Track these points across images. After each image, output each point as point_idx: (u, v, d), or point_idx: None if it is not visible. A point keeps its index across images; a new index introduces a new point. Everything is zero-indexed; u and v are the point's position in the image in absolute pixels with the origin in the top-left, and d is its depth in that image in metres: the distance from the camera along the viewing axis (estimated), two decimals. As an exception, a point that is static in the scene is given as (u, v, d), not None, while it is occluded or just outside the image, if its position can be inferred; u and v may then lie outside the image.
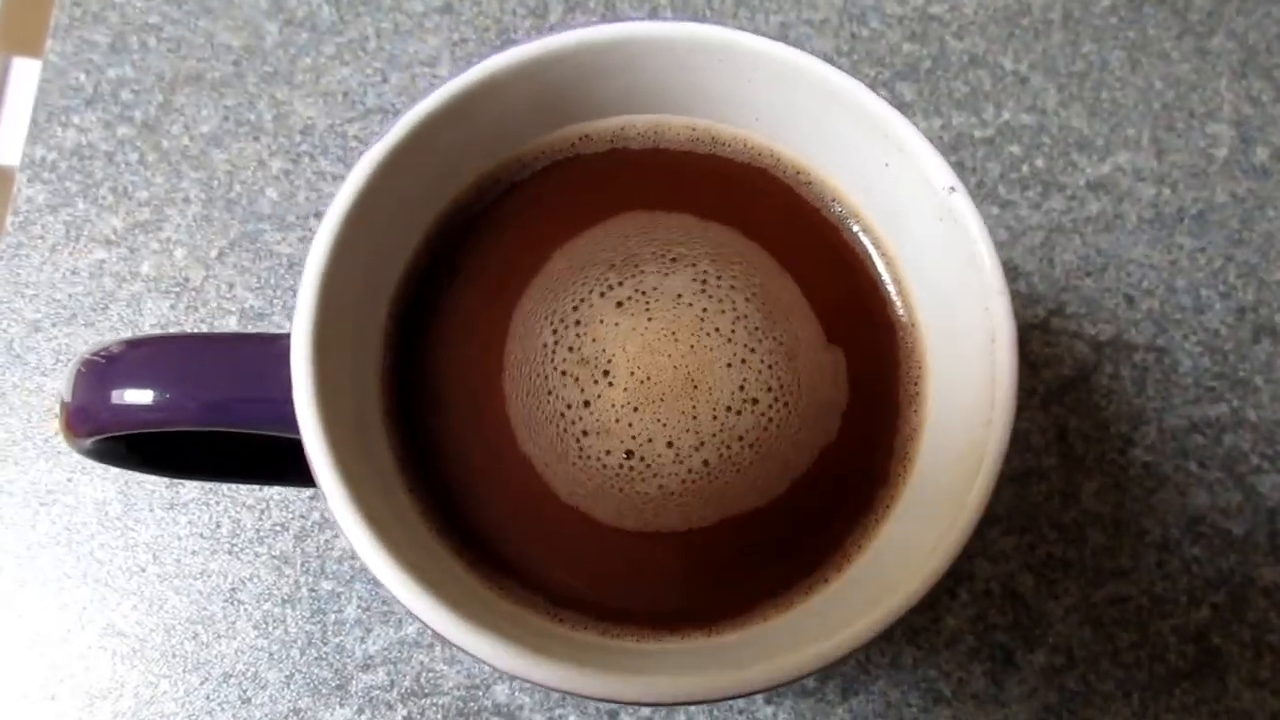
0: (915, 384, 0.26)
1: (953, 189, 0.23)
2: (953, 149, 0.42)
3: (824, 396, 0.26)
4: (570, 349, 0.25)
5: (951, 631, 0.37)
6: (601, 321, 0.26)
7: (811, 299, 0.26)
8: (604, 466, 0.25)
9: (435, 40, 0.43)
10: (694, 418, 0.25)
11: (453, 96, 0.24)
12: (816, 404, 0.25)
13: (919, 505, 0.24)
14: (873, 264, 0.27)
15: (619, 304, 0.26)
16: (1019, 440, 0.39)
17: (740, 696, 0.21)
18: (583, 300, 0.26)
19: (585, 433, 0.25)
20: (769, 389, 0.25)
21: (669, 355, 0.25)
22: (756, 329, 0.26)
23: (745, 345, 0.26)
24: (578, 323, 0.26)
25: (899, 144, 0.24)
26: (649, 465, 0.25)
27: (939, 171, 0.23)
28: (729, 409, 0.25)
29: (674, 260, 0.26)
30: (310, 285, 0.23)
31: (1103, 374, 0.40)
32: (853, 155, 0.25)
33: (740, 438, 0.25)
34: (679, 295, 0.26)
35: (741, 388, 0.25)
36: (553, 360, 0.25)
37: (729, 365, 0.25)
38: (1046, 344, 0.40)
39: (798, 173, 0.27)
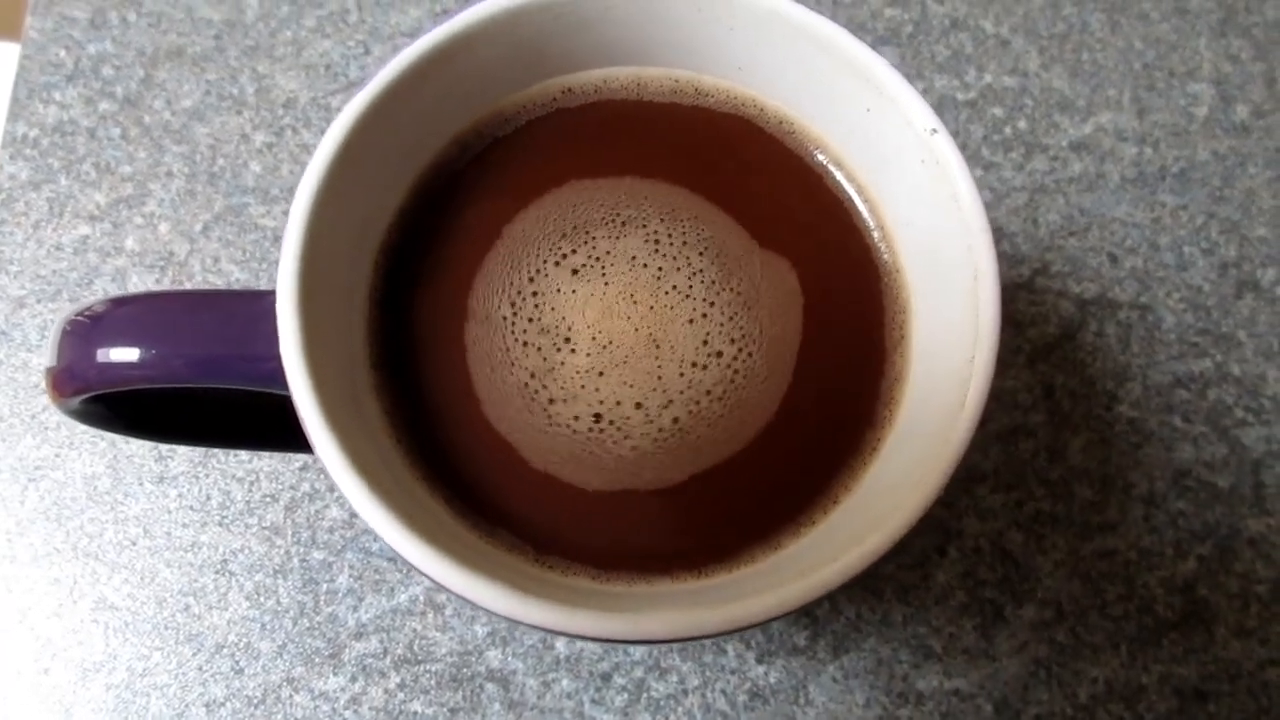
0: (900, 328, 0.26)
1: (934, 131, 0.23)
2: (935, 112, 0.42)
3: (798, 347, 0.26)
4: (530, 319, 0.26)
5: (941, 588, 0.37)
6: (564, 282, 0.26)
7: (790, 249, 0.26)
8: (574, 432, 0.25)
9: (417, 11, 0.43)
10: (660, 376, 0.25)
11: (429, 50, 0.24)
12: (790, 355, 0.26)
13: (906, 445, 0.24)
14: (857, 210, 0.27)
15: (574, 271, 0.26)
16: (1006, 398, 0.39)
17: (733, 631, 0.21)
18: (540, 270, 0.26)
19: (550, 399, 0.25)
20: (746, 340, 0.25)
21: (633, 312, 0.25)
22: (731, 280, 0.26)
23: (720, 297, 0.26)
24: (535, 294, 0.26)
25: (880, 88, 0.24)
26: (619, 428, 0.25)
27: (920, 114, 0.24)
28: (695, 364, 0.25)
29: (649, 220, 0.26)
30: (294, 236, 0.23)
31: (1088, 332, 0.40)
32: (835, 102, 0.26)
33: (708, 391, 0.25)
34: (633, 257, 0.26)
35: (723, 340, 0.25)
36: (516, 320, 0.26)
37: (696, 324, 0.26)
38: (1032, 303, 0.41)
39: (781, 122, 0.27)
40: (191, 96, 0.41)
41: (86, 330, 0.25)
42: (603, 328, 0.26)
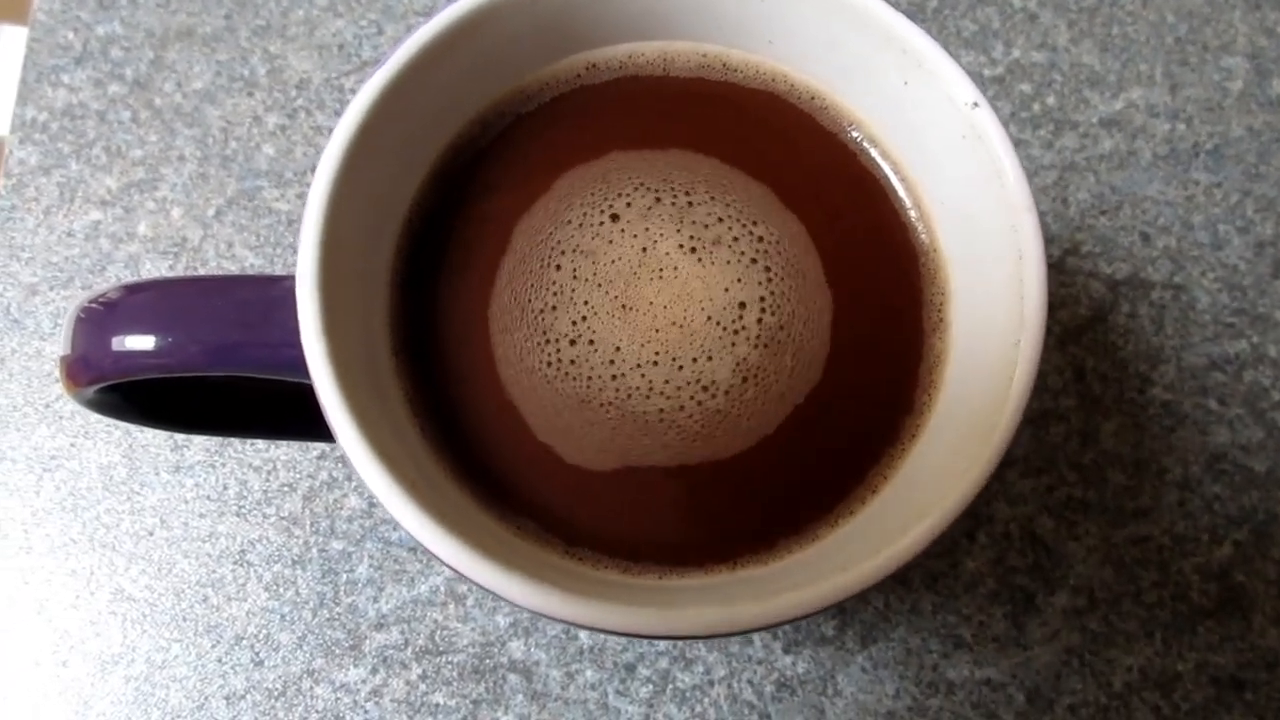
0: (939, 310, 0.25)
1: (976, 104, 0.22)
2: (962, 88, 0.41)
3: (832, 329, 0.25)
4: (558, 299, 0.25)
5: (971, 575, 0.37)
6: (593, 260, 0.25)
7: (824, 229, 0.26)
8: (605, 412, 0.24)
9: (430, -11, 0.42)
10: (700, 353, 0.24)
11: (449, 26, 0.23)
12: (824, 337, 0.25)
13: (946, 433, 0.23)
14: (893, 189, 0.26)
15: (605, 246, 0.25)
16: (1036, 382, 0.38)
17: (765, 628, 0.20)
18: (574, 240, 0.25)
19: (582, 379, 0.24)
20: (779, 322, 0.25)
21: (671, 291, 0.25)
22: (765, 265, 0.25)
23: (751, 277, 0.25)
24: (563, 273, 0.25)
25: (918, 59, 0.23)
26: (649, 407, 0.24)
27: (961, 86, 0.23)
28: (732, 344, 0.24)
29: (675, 194, 0.26)
30: (313, 221, 0.22)
31: (1120, 313, 0.39)
32: (870, 76, 0.25)
33: (741, 373, 0.24)
34: (664, 231, 0.25)
35: (754, 320, 0.25)
36: (544, 301, 0.25)
37: (732, 298, 0.25)
38: (1062, 284, 0.40)
39: (813, 98, 0.26)
40: (202, 78, 0.41)
41: (100, 318, 0.24)
42: (634, 306, 0.25)
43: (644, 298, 0.25)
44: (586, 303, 0.25)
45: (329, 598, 0.36)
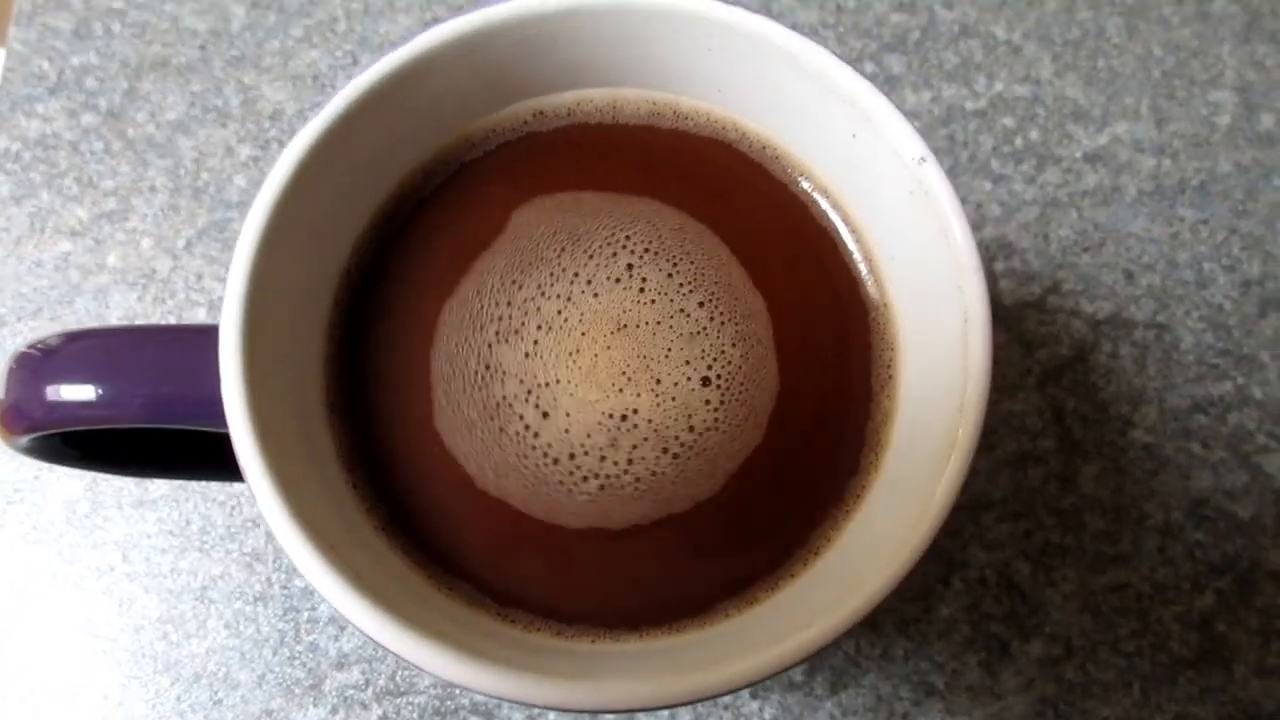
0: (888, 367, 0.24)
1: (923, 159, 0.22)
2: (943, 122, 0.41)
3: (778, 385, 0.24)
4: (500, 351, 0.24)
5: (945, 622, 0.36)
6: (536, 315, 0.24)
7: (771, 281, 0.25)
8: (543, 468, 0.24)
9: (407, 20, 0.42)
10: (635, 411, 0.24)
11: (388, 74, 0.23)
12: (770, 393, 0.24)
13: (891, 495, 0.23)
14: (843, 242, 0.25)
15: (548, 298, 0.25)
16: (1014, 422, 0.38)
17: (697, 701, 0.20)
18: (517, 294, 0.25)
19: (521, 433, 0.24)
20: (718, 380, 0.24)
21: (611, 346, 0.24)
22: (704, 319, 0.24)
23: (692, 335, 0.24)
24: (506, 325, 0.24)
25: (866, 113, 0.22)
26: (590, 464, 0.24)
27: (908, 142, 0.22)
28: (674, 399, 0.24)
29: (623, 247, 0.25)
30: (240, 271, 0.21)
31: (1101, 353, 0.38)
32: (820, 127, 0.24)
33: (689, 429, 0.24)
34: (623, 282, 0.25)
35: (688, 379, 0.24)
36: (489, 355, 0.24)
37: (673, 356, 0.24)
38: (1042, 323, 0.39)
39: (764, 147, 0.26)
40: (176, 109, 0.41)
41: (36, 365, 0.24)
42: (576, 358, 0.24)
43: (589, 349, 0.24)
44: (529, 359, 0.24)
45: (290, 636, 0.36)
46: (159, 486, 0.37)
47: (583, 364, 0.24)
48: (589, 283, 0.25)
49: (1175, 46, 0.42)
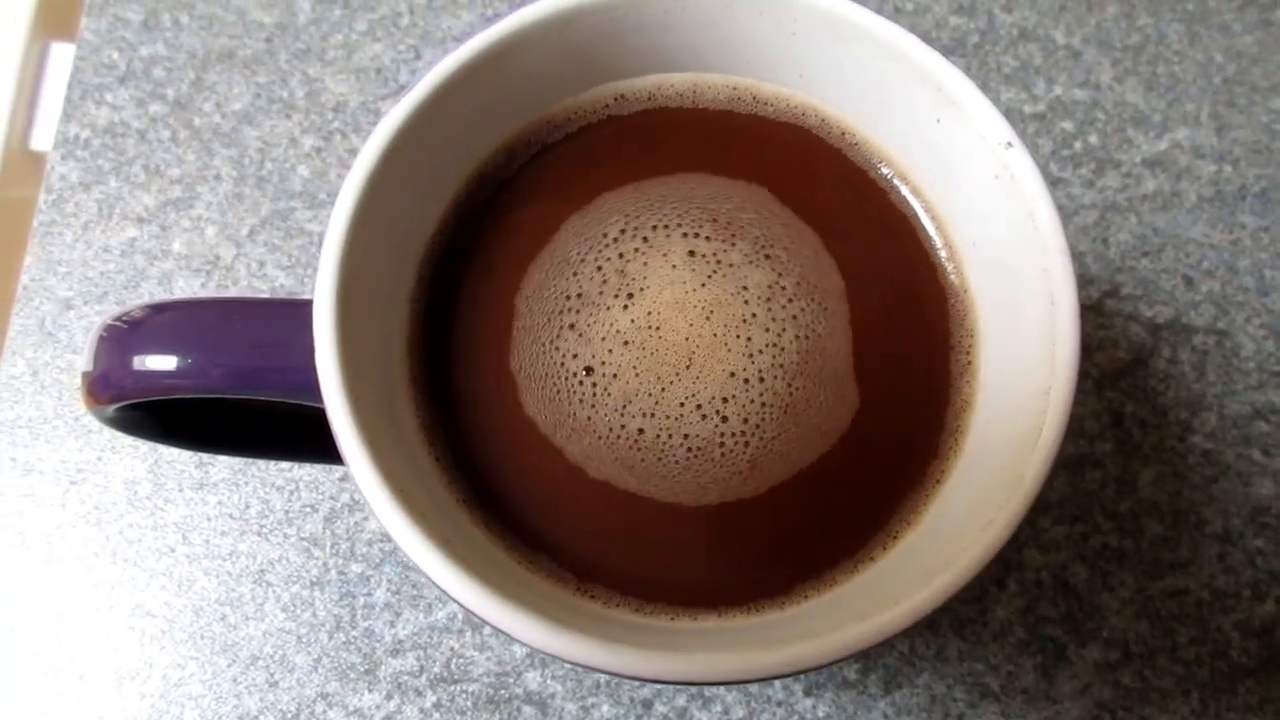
0: (967, 353, 0.24)
1: (1010, 144, 0.22)
2: (1002, 124, 0.41)
3: (860, 369, 0.24)
4: (579, 327, 0.24)
5: (1000, 623, 0.36)
6: (618, 293, 0.25)
7: (855, 269, 0.25)
8: (625, 443, 0.24)
9: (469, 15, 0.42)
10: (719, 390, 0.24)
11: (475, 55, 0.23)
12: (851, 376, 0.24)
13: (971, 480, 0.23)
14: (923, 228, 0.25)
15: (626, 277, 0.25)
16: (1072, 426, 0.37)
17: (780, 676, 0.20)
18: (600, 272, 0.25)
19: (604, 409, 0.24)
20: (807, 362, 0.24)
21: (692, 323, 0.24)
22: (792, 297, 0.25)
23: (781, 316, 0.24)
24: (584, 302, 0.25)
25: (952, 98, 0.23)
26: (675, 440, 0.24)
27: (995, 126, 0.22)
28: (759, 379, 0.24)
29: (704, 228, 0.25)
30: (334, 246, 0.22)
31: (1160, 358, 0.38)
32: (902, 112, 0.24)
33: (771, 409, 0.24)
34: (705, 262, 0.25)
35: (773, 358, 0.24)
36: (569, 331, 0.24)
37: (755, 337, 0.24)
38: (1101, 327, 0.39)
39: (844, 133, 0.26)
40: (241, 99, 0.41)
41: (124, 336, 0.24)
42: (655, 336, 0.24)
43: (668, 326, 0.24)
44: (609, 336, 0.24)
45: (345, 621, 0.36)
46: (219, 470, 0.37)
47: (667, 341, 0.24)
48: (670, 259, 0.25)
49: (1236, 53, 0.42)
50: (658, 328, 0.24)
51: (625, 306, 0.25)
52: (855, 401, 0.24)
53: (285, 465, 0.37)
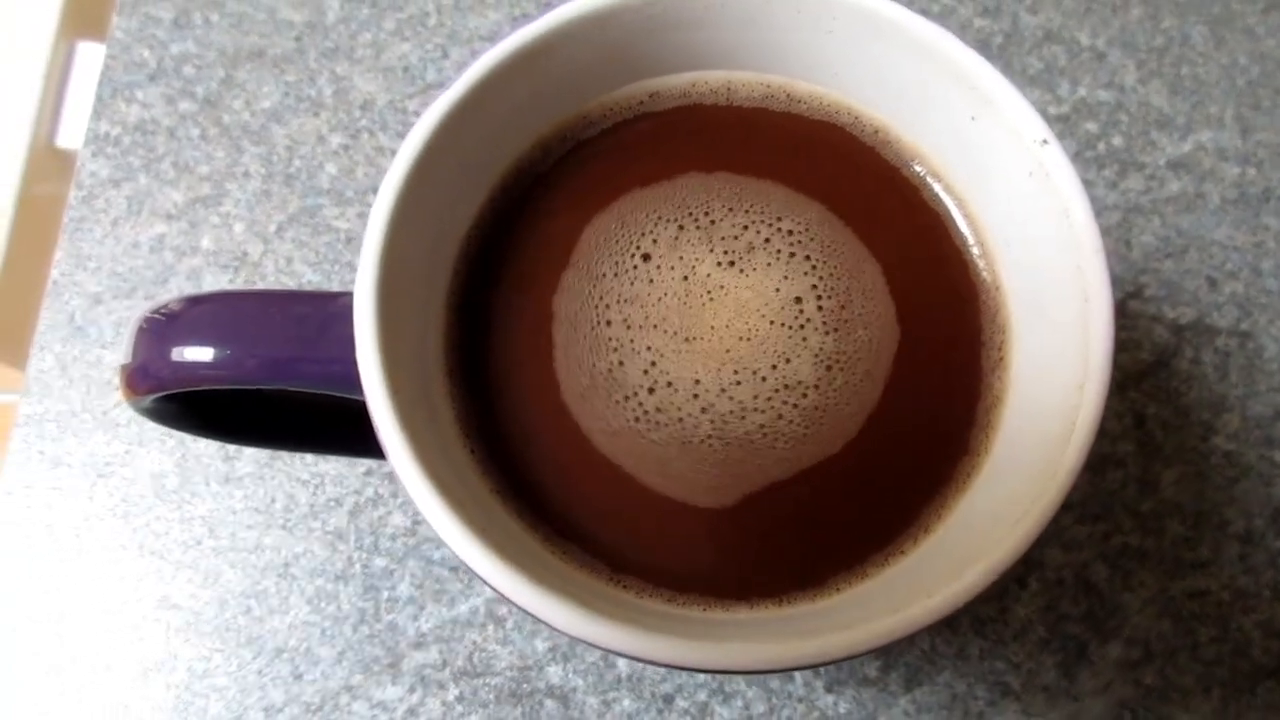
0: (999, 350, 0.24)
1: (1045, 142, 0.22)
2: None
3: (892, 363, 0.24)
4: (614, 321, 0.25)
5: (1021, 622, 0.36)
6: (653, 282, 0.25)
7: (886, 263, 0.25)
8: (656, 432, 0.24)
9: (496, 15, 0.43)
10: (757, 381, 0.24)
11: (516, 51, 0.24)
12: (884, 370, 0.24)
13: (1003, 475, 0.23)
14: (955, 225, 0.26)
15: (662, 270, 0.25)
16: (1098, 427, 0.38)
17: (812, 666, 0.20)
18: (634, 267, 0.25)
19: (636, 400, 0.24)
20: (838, 352, 0.24)
21: (729, 318, 0.24)
22: (822, 293, 0.25)
23: (810, 307, 0.25)
24: (620, 295, 0.25)
25: (987, 96, 0.23)
26: (707, 431, 0.24)
27: (1030, 123, 0.22)
28: (792, 372, 0.24)
29: (736, 222, 0.25)
30: (375, 240, 0.22)
31: (1183, 359, 0.38)
32: (937, 110, 0.24)
33: (803, 403, 0.24)
34: (737, 255, 0.25)
35: (804, 351, 0.24)
36: (603, 324, 0.25)
37: (791, 334, 0.24)
38: (1124, 328, 0.39)
39: (876, 131, 0.26)
40: (270, 97, 0.42)
41: (161, 328, 0.24)
42: (690, 328, 0.25)
43: (703, 319, 0.25)
44: (644, 328, 0.25)
45: (369, 614, 0.36)
46: (245, 464, 0.38)
47: (699, 333, 0.24)
48: (705, 253, 0.25)
49: (1261, 56, 0.42)
50: (694, 321, 0.25)
51: (660, 300, 0.25)
52: (888, 396, 0.24)
53: (310, 460, 0.38)
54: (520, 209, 0.26)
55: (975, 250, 0.25)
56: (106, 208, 0.40)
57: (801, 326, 0.25)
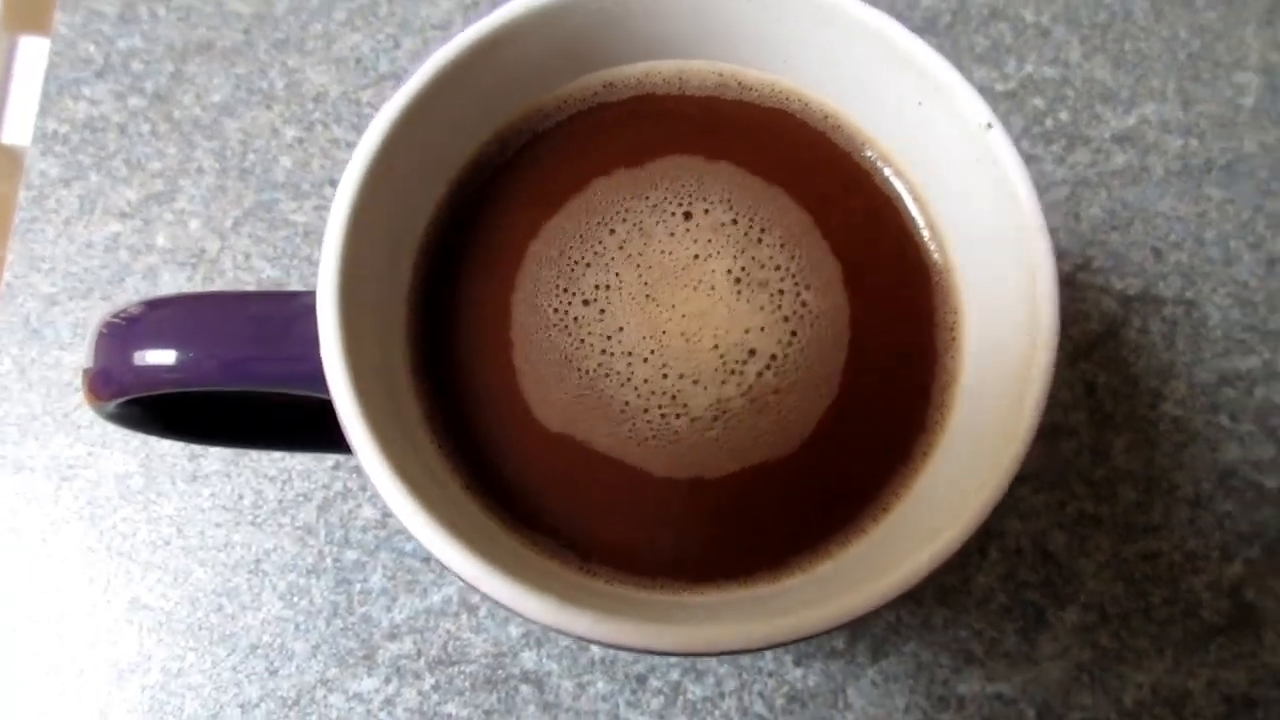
0: (952, 330, 0.25)
1: (989, 126, 0.23)
2: (975, 104, 0.42)
3: (848, 345, 0.25)
4: (576, 312, 0.25)
5: (982, 591, 0.37)
6: (613, 273, 0.25)
7: (838, 247, 0.26)
8: (619, 420, 0.24)
9: (448, 4, 0.42)
10: (711, 366, 0.25)
11: (473, 43, 0.24)
12: (841, 352, 0.25)
13: (959, 451, 0.24)
14: (906, 209, 0.26)
15: (623, 259, 0.25)
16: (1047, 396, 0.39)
17: (783, 644, 0.20)
18: (595, 253, 0.25)
19: (598, 389, 0.25)
20: (794, 337, 0.25)
21: (689, 300, 0.25)
22: (780, 276, 0.25)
23: (767, 293, 0.25)
24: (580, 286, 0.25)
25: (934, 82, 0.23)
26: (669, 416, 0.24)
27: (975, 108, 0.23)
28: (750, 353, 0.25)
29: (695, 207, 0.26)
30: (334, 239, 0.22)
31: (1131, 329, 0.39)
32: (885, 97, 0.25)
33: (761, 385, 0.25)
34: (696, 238, 0.25)
35: (762, 330, 0.25)
36: (564, 313, 0.25)
37: (752, 308, 0.25)
38: (1073, 299, 0.40)
39: (826, 117, 0.27)
40: (221, 91, 0.41)
41: (122, 333, 0.24)
42: (651, 317, 0.25)
43: (663, 307, 0.25)
44: (604, 318, 0.25)
45: (343, 607, 0.36)
46: (211, 463, 0.38)
47: (664, 319, 0.25)
48: (664, 239, 0.25)
49: (1200, 29, 0.43)
50: (655, 306, 0.25)
51: (620, 287, 0.25)
52: (846, 378, 0.25)
53: (277, 455, 0.38)
54: (479, 202, 0.26)
55: (926, 233, 0.26)
56: (58, 207, 0.40)
57: (760, 308, 0.25)
